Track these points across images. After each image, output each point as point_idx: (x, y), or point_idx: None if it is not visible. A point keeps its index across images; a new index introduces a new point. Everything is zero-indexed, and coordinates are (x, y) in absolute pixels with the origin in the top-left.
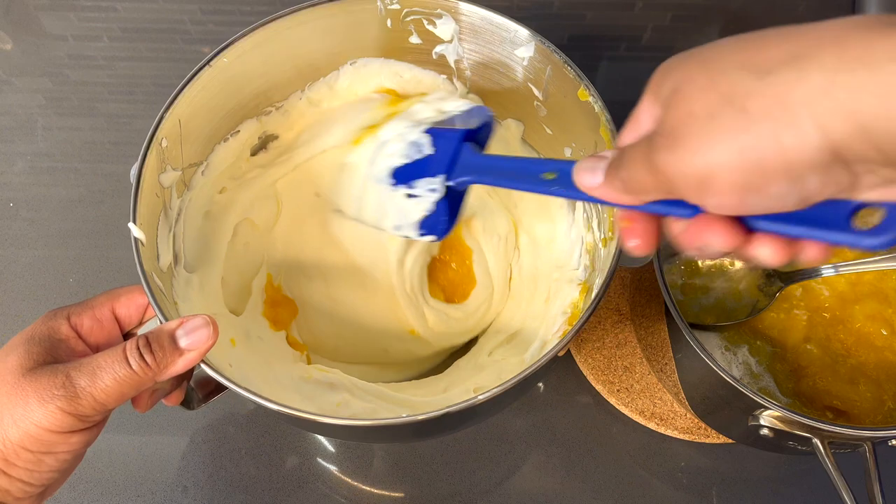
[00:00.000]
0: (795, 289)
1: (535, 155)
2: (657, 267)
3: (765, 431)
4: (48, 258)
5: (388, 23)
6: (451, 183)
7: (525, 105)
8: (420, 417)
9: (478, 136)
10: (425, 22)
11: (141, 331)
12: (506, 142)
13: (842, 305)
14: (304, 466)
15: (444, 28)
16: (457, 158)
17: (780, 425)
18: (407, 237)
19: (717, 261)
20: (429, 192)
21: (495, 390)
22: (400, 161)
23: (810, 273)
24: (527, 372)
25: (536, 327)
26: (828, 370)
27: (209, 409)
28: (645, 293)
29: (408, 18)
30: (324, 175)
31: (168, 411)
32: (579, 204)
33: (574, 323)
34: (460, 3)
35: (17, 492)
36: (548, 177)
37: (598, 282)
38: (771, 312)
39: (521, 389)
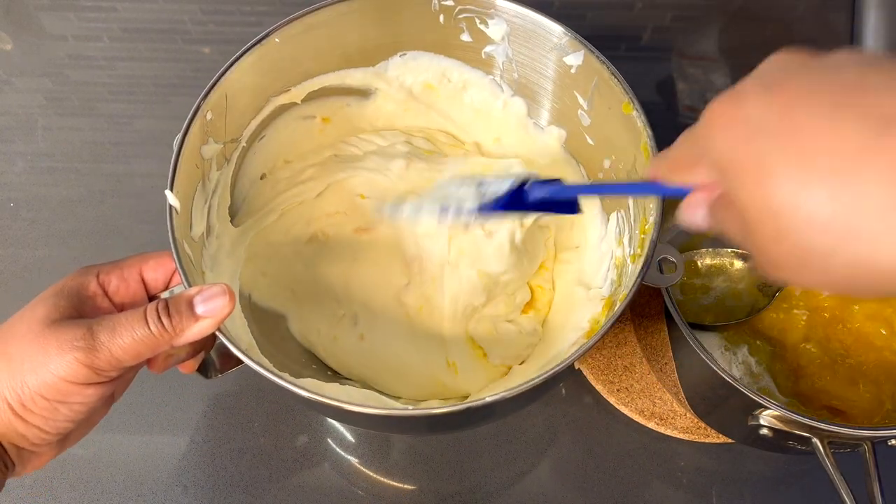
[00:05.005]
0: (795, 288)
1: (573, 164)
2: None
3: (764, 431)
4: (48, 258)
5: (441, 18)
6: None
7: (569, 113)
8: (439, 411)
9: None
10: (477, 21)
11: (164, 296)
12: (547, 148)
13: (841, 305)
14: (307, 464)
15: (495, 29)
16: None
17: (779, 425)
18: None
19: (717, 260)
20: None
21: (514, 390)
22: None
23: None
24: (544, 376)
25: (555, 337)
26: (827, 370)
27: (209, 407)
28: (645, 293)
29: (460, 16)
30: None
31: (168, 410)
32: (613, 217)
33: (592, 336)
34: (513, 5)
35: (33, 437)
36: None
37: (620, 297)
38: (770, 312)
39: (537, 393)
